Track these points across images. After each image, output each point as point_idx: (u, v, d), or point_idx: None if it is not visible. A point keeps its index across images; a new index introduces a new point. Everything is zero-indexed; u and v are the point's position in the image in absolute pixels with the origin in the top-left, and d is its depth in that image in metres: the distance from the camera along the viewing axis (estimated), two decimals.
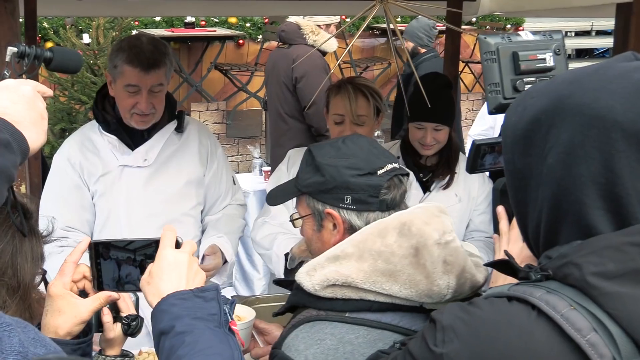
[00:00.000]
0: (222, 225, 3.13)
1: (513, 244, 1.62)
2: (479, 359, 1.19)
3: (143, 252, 1.62)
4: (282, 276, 3.00)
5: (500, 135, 1.42)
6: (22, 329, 1.05)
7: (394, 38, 2.84)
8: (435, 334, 1.25)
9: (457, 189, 3.23)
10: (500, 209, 1.63)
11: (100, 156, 3.00)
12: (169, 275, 1.51)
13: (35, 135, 1.36)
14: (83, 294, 1.65)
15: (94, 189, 3.00)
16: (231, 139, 7.94)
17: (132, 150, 3.00)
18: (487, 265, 1.52)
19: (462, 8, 3.59)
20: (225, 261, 3.05)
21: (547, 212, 1.25)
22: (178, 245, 1.58)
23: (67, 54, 1.69)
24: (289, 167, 3.20)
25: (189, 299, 1.47)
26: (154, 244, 1.59)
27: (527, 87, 1.47)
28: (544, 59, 1.48)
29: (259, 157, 6.72)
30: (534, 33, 1.51)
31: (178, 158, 3.06)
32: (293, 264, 2.95)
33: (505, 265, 1.38)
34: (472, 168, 1.65)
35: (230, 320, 1.49)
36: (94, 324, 1.69)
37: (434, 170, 3.26)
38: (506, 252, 1.44)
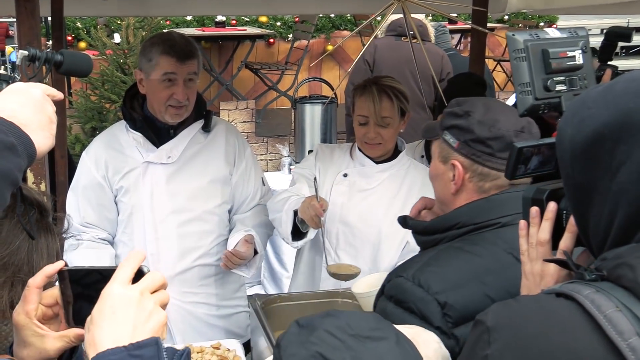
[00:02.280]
0: (249, 221, 3.13)
1: (534, 262, 1.53)
2: (521, 356, 1.15)
3: (91, 280, 1.30)
4: (289, 238, 2.96)
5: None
6: None
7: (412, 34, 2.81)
8: (480, 336, 1.22)
9: None
10: (523, 224, 1.54)
11: (126, 153, 3.03)
12: (111, 321, 1.18)
13: (43, 139, 1.33)
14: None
15: (119, 185, 3.03)
16: (260, 138, 7.94)
17: (157, 147, 3.01)
18: (546, 260, 1.47)
19: (489, 6, 3.54)
20: (256, 252, 3.05)
21: (618, 227, 1.20)
22: (141, 274, 1.24)
23: (77, 57, 1.68)
24: (316, 163, 3.19)
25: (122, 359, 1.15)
26: (106, 275, 1.25)
27: (557, 86, 1.42)
28: (574, 57, 1.42)
29: (288, 156, 6.71)
30: (560, 30, 1.45)
31: (203, 156, 3.06)
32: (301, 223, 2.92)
33: (564, 262, 1.35)
34: (512, 174, 1.54)
35: None
36: None
37: None
38: (565, 252, 1.40)
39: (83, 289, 1.31)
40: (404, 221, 1.99)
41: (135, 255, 1.25)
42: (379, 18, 9.87)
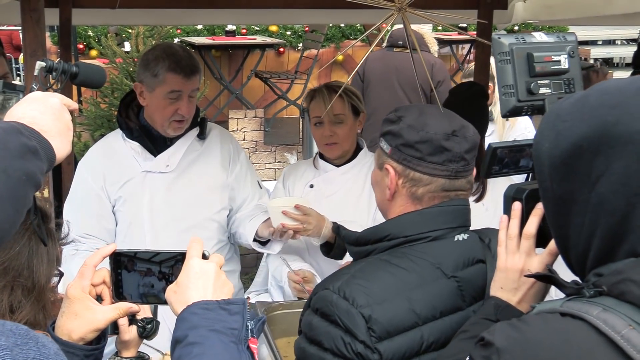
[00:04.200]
0: (257, 211, 3.16)
1: (512, 255, 1.60)
2: None
3: (168, 264, 1.58)
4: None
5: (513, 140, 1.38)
6: (19, 350, 1.00)
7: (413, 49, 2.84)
8: (489, 357, 1.22)
9: (485, 199, 3.21)
10: (504, 218, 1.61)
11: (123, 163, 3.04)
12: (195, 284, 1.47)
13: (62, 145, 1.39)
14: (99, 299, 1.62)
15: (117, 195, 3.03)
16: (268, 146, 7.99)
17: (155, 156, 3.03)
18: (528, 276, 1.53)
19: (494, 16, 3.56)
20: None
21: (601, 238, 1.22)
22: (204, 257, 1.54)
23: (91, 69, 1.76)
24: (285, 183, 3.27)
25: (213, 309, 1.42)
26: (180, 257, 1.55)
27: (541, 89, 1.44)
28: (559, 61, 1.44)
29: None
30: (548, 34, 1.48)
31: (200, 163, 3.09)
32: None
33: (548, 278, 1.37)
34: (487, 172, 1.61)
35: (250, 337, 1.43)
36: (110, 327, 1.69)
37: None
38: (549, 268, 1.43)
39: (147, 267, 1.59)
40: (337, 230, 1.97)
41: (198, 240, 1.55)
42: (388, 28, 9.86)
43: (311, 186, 3.18)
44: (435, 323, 1.73)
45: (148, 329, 1.73)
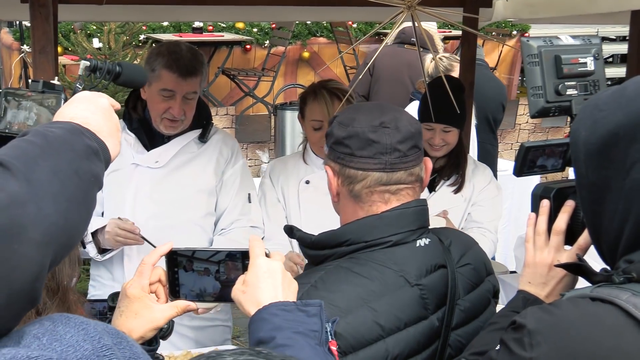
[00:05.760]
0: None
1: (540, 250, 1.63)
2: None
3: (224, 262, 1.58)
4: None
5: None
6: (118, 349, 0.99)
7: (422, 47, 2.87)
8: (521, 339, 1.26)
9: (464, 191, 3.27)
10: (532, 215, 1.64)
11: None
12: (265, 284, 1.47)
13: (113, 145, 1.37)
14: None
15: (104, 182, 2.99)
16: (240, 144, 7.97)
17: (148, 151, 3.02)
18: (557, 266, 1.56)
19: (478, 14, 3.60)
20: None
21: (634, 224, 1.26)
22: (266, 256, 1.54)
23: (134, 69, 1.74)
24: (274, 179, 3.20)
25: (292, 311, 1.42)
26: (239, 255, 1.55)
27: (569, 91, 1.49)
28: (585, 63, 1.49)
29: (268, 162, 6.75)
30: (574, 37, 1.52)
31: (193, 166, 3.05)
32: None
33: (577, 267, 1.41)
34: (519, 171, 1.64)
35: (330, 339, 1.43)
36: None
37: (440, 171, 3.28)
38: (579, 256, 1.47)
39: (206, 266, 1.58)
40: (290, 231, 1.88)
41: (258, 239, 1.56)
42: (354, 26, 9.85)
43: (307, 182, 3.13)
44: (400, 334, 1.68)
45: (164, 329, 1.72)
